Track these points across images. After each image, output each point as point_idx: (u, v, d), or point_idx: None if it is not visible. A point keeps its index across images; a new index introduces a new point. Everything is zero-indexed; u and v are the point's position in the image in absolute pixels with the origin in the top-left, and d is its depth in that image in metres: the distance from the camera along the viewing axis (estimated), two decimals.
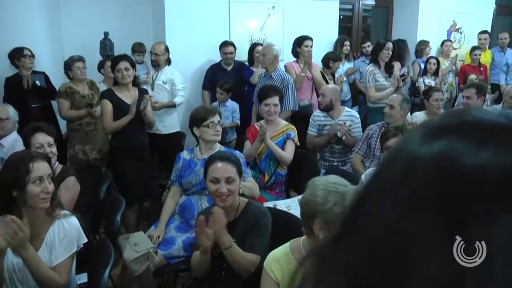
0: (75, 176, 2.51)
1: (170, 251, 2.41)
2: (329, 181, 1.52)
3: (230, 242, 1.82)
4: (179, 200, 2.67)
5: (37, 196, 1.72)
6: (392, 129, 2.40)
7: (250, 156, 3.11)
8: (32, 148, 2.44)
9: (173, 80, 4.16)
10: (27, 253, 1.62)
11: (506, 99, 4.06)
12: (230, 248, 1.82)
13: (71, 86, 3.76)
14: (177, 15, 4.64)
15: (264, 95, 3.15)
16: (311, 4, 5.30)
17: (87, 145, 3.72)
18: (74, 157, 3.72)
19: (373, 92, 4.17)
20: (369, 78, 4.21)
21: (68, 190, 2.41)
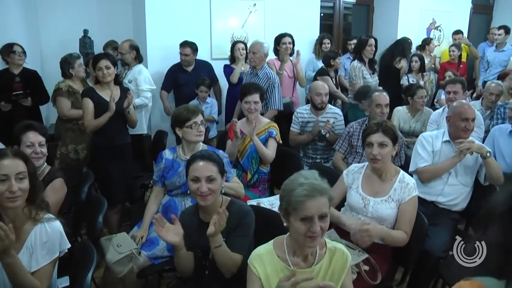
0: (63, 177, 2.47)
1: (153, 252, 2.40)
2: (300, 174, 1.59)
3: (221, 241, 1.82)
4: (162, 200, 2.65)
5: (2, 195, 1.66)
6: (373, 125, 2.35)
7: (232, 154, 3.10)
8: (22, 146, 2.39)
9: (137, 80, 4.09)
10: (10, 260, 1.57)
11: (485, 95, 4.15)
12: (220, 247, 1.82)
13: (71, 85, 3.72)
14: (158, 12, 4.60)
15: (244, 93, 3.16)
16: (292, 2, 5.33)
17: (80, 144, 3.68)
18: (65, 156, 3.67)
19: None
20: (358, 74, 4.24)
21: (55, 192, 2.38)
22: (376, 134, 2.28)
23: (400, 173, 2.34)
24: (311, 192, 1.51)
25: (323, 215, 1.53)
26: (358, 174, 2.41)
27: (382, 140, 2.26)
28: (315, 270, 1.63)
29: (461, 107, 2.80)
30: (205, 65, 4.60)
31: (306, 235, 1.53)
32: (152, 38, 4.60)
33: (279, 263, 1.64)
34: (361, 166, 2.45)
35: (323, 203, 1.54)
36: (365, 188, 2.35)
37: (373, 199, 2.29)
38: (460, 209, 2.81)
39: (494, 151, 3.45)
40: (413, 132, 3.98)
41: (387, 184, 2.31)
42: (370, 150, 2.28)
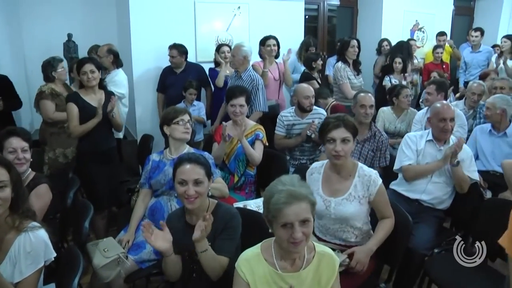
0: (48, 184, 2.45)
1: (140, 255, 2.39)
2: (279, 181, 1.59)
3: (207, 246, 1.83)
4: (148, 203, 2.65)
5: None
6: (334, 120, 2.23)
7: (219, 157, 3.12)
8: (5, 152, 2.36)
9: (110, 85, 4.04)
10: None
11: (468, 95, 4.24)
12: (206, 252, 1.82)
13: (54, 88, 3.68)
14: (142, 16, 4.59)
15: (230, 96, 3.17)
16: (277, 4, 5.34)
17: (68, 148, 3.63)
18: (53, 161, 3.63)
19: (349, 89, 4.22)
20: (344, 75, 4.27)
21: (39, 198, 2.35)
22: (339, 129, 2.17)
23: (358, 167, 2.26)
24: (288, 199, 1.50)
25: (304, 220, 1.52)
26: (318, 175, 2.34)
27: (345, 136, 2.17)
28: (303, 274, 1.63)
29: (440, 108, 2.85)
30: (195, 67, 4.60)
31: (289, 241, 1.53)
32: (136, 42, 4.59)
33: (266, 267, 1.64)
34: (321, 165, 2.37)
35: (303, 208, 1.52)
36: (324, 189, 2.28)
37: (333, 199, 2.23)
38: (445, 208, 2.86)
39: (476, 150, 3.53)
40: (399, 133, 4.04)
41: (346, 181, 2.24)
42: (332, 147, 2.17)
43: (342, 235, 2.25)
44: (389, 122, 4.12)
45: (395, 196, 2.89)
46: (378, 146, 3.21)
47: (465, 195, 2.82)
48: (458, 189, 2.80)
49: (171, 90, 4.46)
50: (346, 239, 2.25)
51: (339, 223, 2.19)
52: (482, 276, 2.41)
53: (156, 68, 4.69)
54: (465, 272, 2.41)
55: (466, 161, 2.81)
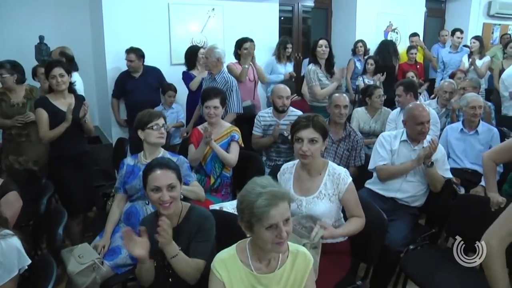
0: (17, 190, 2.39)
1: (116, 261, 2.36)
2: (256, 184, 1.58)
3: (176, 251, 1.81)
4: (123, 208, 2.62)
5: None
6: (304, 120, 2.22)
7: (196, 160, 3.11)
8: None
9: None
10: None
11: (440, 93, 4.34)
12: (176, 257, 1.80)
13: (2, 92, 3.55)
14: (116, 18, 4.53)
15: (205, 98, 3.16)
16: (251, 6, 5.35)
17: (21, 157, 3.53)
18: (9, 167, 3.53)
19: (319, 90, 4.27)
20: (314, 77, 4.30)
21: (9, 205, 2.29)
22: (307, 129, 2.17)
23: (329, 165, 2.27)
24: (272, 200, 1.51)
25: (287, 219, 1.55)
26: (289, 175, 2.35)
27: (313, 136, 2.16)
28: (278, 274, 1.64)
29: (415, 111, 2.89)
30: (154, 70, 4.56)
31: (274, 242, 1.54)
32: (110, 44, 4.52)
33: (242, 269, 1.64)
34: (292, 165, 2.38)
35: (286, 208, 1.54)
36: (296, 188, 2.29)
37: (305, 198, 2.23)
38: (419, 205, 2.92)
39: (448, 149, 3.61)
40: (373, 132, 4.10)
41: (316, 179, 2.25)
42: (299, 146, 2.18)
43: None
44: (364, 122, 4.18)
45: (370, 195, 2.93)
46: (353, 146, 3.25)
47: (439, 192, 2.87)
48: (432, 188, 2.86)
49: (132, 96, 4.38)
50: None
51: (311, 220, 2.14)
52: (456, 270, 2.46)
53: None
54: (439, 267, 2.46)
55: (440, 160, 2.87)
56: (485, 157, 2.66)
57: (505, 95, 4.81)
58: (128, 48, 4.33)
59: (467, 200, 2.80)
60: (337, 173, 2.23)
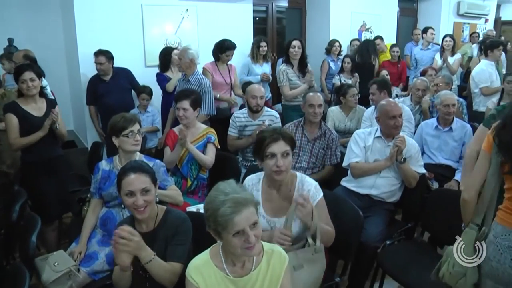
0: None
1: (93, 267, 2.33)
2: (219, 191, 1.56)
3: (150, 256, 1.79)
4: (99, 213, 2.57)
5: None
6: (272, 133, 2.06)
7: (172, 162, 3.09)
8: None
9: None
10: None
11: (413, 91, 4.43)
12: (151, 262, 1.79)
13: None
14: (88, 20, 4.46)
15: (176, 99, 3.16)
16: (225, 7, 5.34)
17: None
18: None
19: (287, 91, 4.30)
20: (283, 78, 4.33)
21: None
22: (278, 143, 2.01)
23: (298, 180, 2.13)
24: (235, 208, 1.48)
25: (254, 223, 1.52)
26: (257, 192, 2.15)
27: (286, 149, 2.02)
28: (254, 275, 1.64)
29: (387, 106, 2.95)
30: (124, 72, 4.49)
31: (243, 247, 1.52)
32: (83, 47, 4.45)
33: (217, 273, 1.63)
34: (257, 181, 2.20)
35: (251, 212, 1.51)
36: (266, 208, 2.12)
37: (277, 220, 2.08)
38: (395, 200, 2.96)
39: (422, 145, 3.68)
40: (349, 131, 4.14)
41: (287, 198, 2.10)
42: (273, 162, 2.00)
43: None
44: (339, 120, 4.22)
45: (346, 193, 2.96)
46: (329, 144, 3.28)
47: (413, 188, 2.92)
48: (407, 184, 2.91)
49: (105, 100, 4.29)
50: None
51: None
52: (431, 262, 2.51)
53: None
54: (416, 261, 2.51)
55: (414, 157, 2.92)
56: (468, 148, 2.73)
57: (475, 91, 4.93)
58: (97, 50, 4.25)
59: (441, 194, 2.86)
60: (306, 190, 2.10)
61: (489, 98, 4.63)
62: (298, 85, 4.32)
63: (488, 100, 4.58)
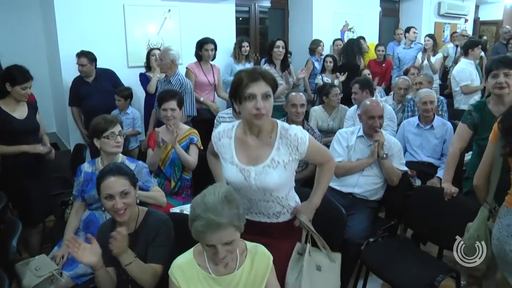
0: None
1: (76, 270, 2.30)
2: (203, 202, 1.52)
3: (131, 258, 1.78)
4: (82, 216, 2.55)
5: None
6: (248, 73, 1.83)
7: (154, 163, 3.07)
8: None
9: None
10: None
11: (395, 90, 4.50)
12: (131, 264, 1.78)
13: None
14: (69, 20, 4.42)
15: (161, 100, 3.13)
16: (207, 7, 5.34)
17: None
18: None
19: None
20: None
21: None
22: (259, 83, 1.77)
23: (279, 126, 1.90)
24: (207, 227, 1.47)
25: (227, 242, 1.51)
26: (228, 139, 1.94)
27: (266, 90, 1.79)
28: (237, 275, 1.64)
29: (369, 106, 2.98)
30: (107, 73, 4.44)
31: (216, 257, 1.53)
32: (65, 47, 4.39)
33: (200, 272, 1.63)
34: (230, 128, 1.98)
35: (225, 234, 1.49)
36: (241, 156, 1.89)
37: (253, 168, 1.85)
38: (378, 198, 2.99)
39: (405, 143, 3.73)
40: (331, 130, 4.17)
41: (266, 145, 1.88)
42: (252, 104, 1.77)
43: (266, 206, 1.93)
44: (322, 120, 4.25)
45: (329, 191, 2.94)
46: None
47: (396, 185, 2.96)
48: (390, 182, 2.94)
49: (88, 101, 4.25)
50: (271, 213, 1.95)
51: (261, 193, 1.88)
52: (415, 260, 2.56)
53: None
54: (399, 257, 2.55)
55: (396, 156, 2.95)
56: (451, 147, 2.78)
57: (456, 89, 5.01)
58: (79, 52, 4.20)
59: (423, 192, 2.90)
60: (293, 134, 1.86)
61: (470, 97, 4.72)
62: (281, 84, 4.33)
63: (469, 99, 4.66)
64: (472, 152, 2.77)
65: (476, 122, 2.63)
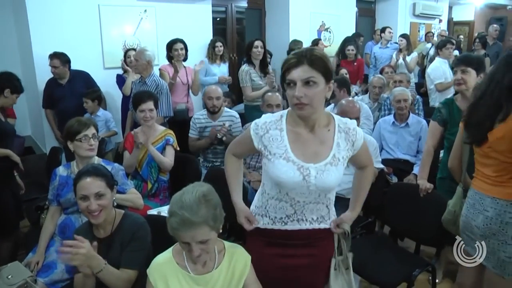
0: None
1: (51, 277, 2.25)
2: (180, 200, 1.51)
3: (101, 266, 1.75)
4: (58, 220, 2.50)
5: None
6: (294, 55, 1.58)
7: (131, 166, 3.04)
8: None
9: None
10: None
11: (370, 88, 4.57)
12: (102, 271, 1.75)
13: None
14: (42, 21, 4.33)
15: (138, 101, 3.10)
16: (183, 7, 5.31)
17: None
18: None
19: (249, 92, 4.32)
20: (246, 78, 4.33)
21: None
22: (300, 67, 1.53)
23: (336, 119, 1.70)
24: (181, 225, 1.47)
25: (202, 241, 1.51)
26: (277, 132, 1.66)
27: (309, 76, 1.52)
28: (215, 274, 1.64)
29: (346, 106, 3.01)
30: (81, 75, 4.37)
31: (191, 254, 1.53)
32: (38, 49, 4.31)
33: (179, 271, 1.63)
34: (278, 118, 1.69)
35: (199, 233, 1.48)
36: (297, 151, 1.63)
37: (313, 165, 1.61)
38: None
39: (381, 141, 3.79)
40: None
41: (324, 139, 1.66)
42: (292, 92, 1.54)
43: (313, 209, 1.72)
44: None
45: None
46: None
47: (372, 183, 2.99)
48: None
49: (61, 104, 4.19)
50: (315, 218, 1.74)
51: (316, 195, 1.67)
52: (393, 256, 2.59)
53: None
54: (377, 254, 2.58)
55: (372, 153, 2.98)
56: (426, 144, 2.86)
57: (431, 87, 5.11)
58: (51, 53, 4.12)
59: (399, 189, 2.95)
60: (352, 128, 1.68)
61: (446, 94, 4.82)
62: (260, 85, 4.34)
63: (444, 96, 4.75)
64: (444, 150, 2.84)
65: (445, 118, 2.72)
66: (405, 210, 2.69)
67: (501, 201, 1.88)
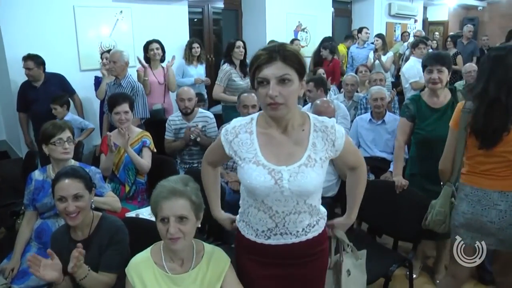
0: None
1: (27, 283, 2.22)
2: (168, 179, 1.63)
3: (85, 273, 1.74)
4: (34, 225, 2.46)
5: None
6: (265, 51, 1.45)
7: (108, 168, 3.01)
8: None
9: None
10: None
11: (344, 86, 4.69)
12: (85, 278, 1.75)
13: None
14: (15, 22, 4.26)
15: (113, 104, 3.07)
16: (159, 8, 5.30)
17: None
18: None
19: (220, 91, 4.34)
20: (223, 77, 4.32)
21: None
22: (273, 64, 1.41)
23: (311, 118, 1.58)
24: (167, 194, 1.54)
25: (180, 217, 1.55)
26: (247, 135, 1.55)
27: (284, 73, 1.41)
28: (193, 274, 1.64)
29: (320, 107, 3.05)
30: (57, 78, 4.31)
31: (166, 237, 1.55)
32: (11, 51, 4.24)
33: (156, 270, 1.63)
34: (248, 121, 1.58)
35: (180, 204, 1.54)
36: (268, 155, 1.52)
37: (286, 168, 1.50)
38: (333, 195, 3.06)
39: (358, 139, 3.84)
40: None
41: (298, 140, 1.54)
42: (265, 91, 1.42)
43: (295, 221, 1.56)
44: None
45: None
46: None
47: None
48: (343, 178, 3.01)
49: (35, 107, 4.13)
50: (300, 230, 1.59)
51: (294, 201, 1.53)
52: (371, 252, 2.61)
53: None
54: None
55: None
56: (396, 140, 2.92)
57: (406, 86, 5.21)
58: (25, 55, 4.06)
59: (377, 186, 2.98)
60: (329, 126, 1.55)
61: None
62: (240, 85, 4.35)
63: None
64: (411, 145, 2.91)
65: (413, 113, 2.78)
66: (382, 207, 2.73)
67: (510, 193, 1.95)
